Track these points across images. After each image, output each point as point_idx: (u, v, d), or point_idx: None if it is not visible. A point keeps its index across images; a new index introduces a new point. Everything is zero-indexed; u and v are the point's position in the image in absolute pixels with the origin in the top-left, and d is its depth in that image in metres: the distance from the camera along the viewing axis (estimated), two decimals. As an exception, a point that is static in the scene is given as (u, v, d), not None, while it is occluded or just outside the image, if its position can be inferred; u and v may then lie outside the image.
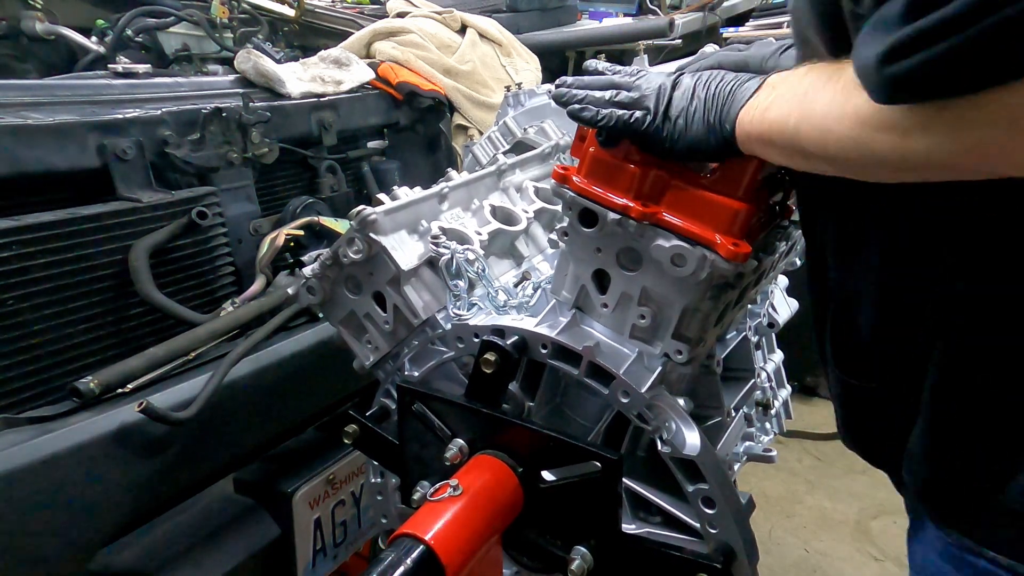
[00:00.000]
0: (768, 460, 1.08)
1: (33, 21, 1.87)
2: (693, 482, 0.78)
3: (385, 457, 1.02)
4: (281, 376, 1.20)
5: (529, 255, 1.11)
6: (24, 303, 1.06)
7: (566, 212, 0.77)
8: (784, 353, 1.22)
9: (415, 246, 0.96)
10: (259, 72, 1.58)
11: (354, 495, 1.38)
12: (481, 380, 0.86)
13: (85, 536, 0.96)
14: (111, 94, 1.32)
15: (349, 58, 1.83)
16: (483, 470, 0.84)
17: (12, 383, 1.06)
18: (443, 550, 0.72)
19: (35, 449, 0.89)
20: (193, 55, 2.04)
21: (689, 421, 0.79)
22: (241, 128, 1.42)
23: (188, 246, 1.30)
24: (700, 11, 3.36)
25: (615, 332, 0.82)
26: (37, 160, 1.13)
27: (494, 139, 1.46)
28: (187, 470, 1.08)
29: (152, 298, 1.18)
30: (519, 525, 0.85)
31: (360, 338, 1.04)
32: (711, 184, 0.70)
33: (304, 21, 2.34)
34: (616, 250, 0.77)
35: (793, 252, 1.08)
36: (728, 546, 0.77)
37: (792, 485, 3.02)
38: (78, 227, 1.12)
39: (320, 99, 1.68)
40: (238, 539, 1.22)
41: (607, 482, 0.77)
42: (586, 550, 0.80)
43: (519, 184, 1.21)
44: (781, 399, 1.19)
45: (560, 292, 0.85)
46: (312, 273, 0.99)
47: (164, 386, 1.06)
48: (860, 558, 2.59)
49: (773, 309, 1.16)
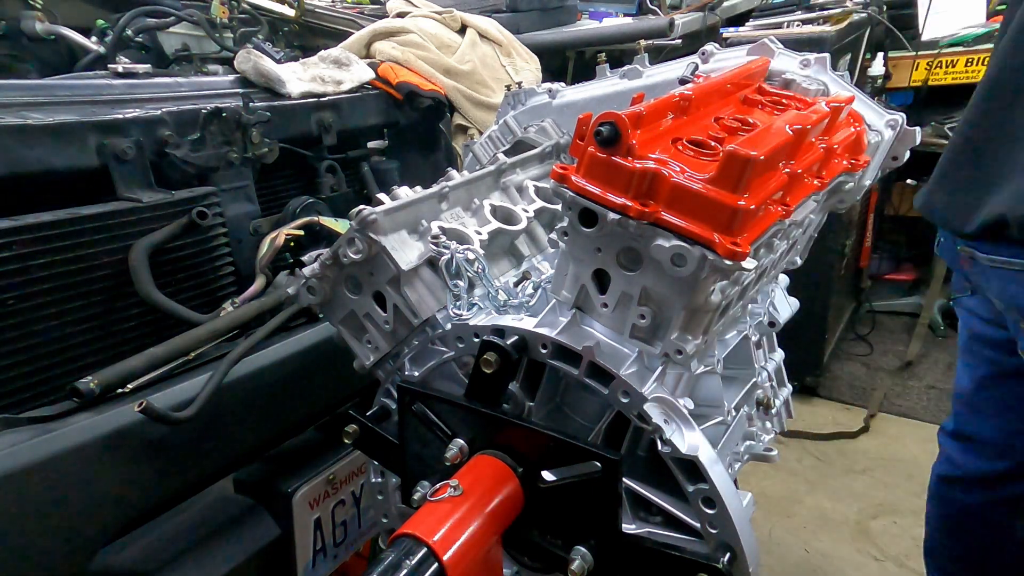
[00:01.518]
0: (769, 459, 1.09)
1: (33, 21, 1.87)
2: (693, 482, 0.78)
3: (385, 457, 1.02)
4: (281, 376, 1.20)
5: (529, 255, 1.11)
6: (24, 303, 1.06)
7: (566, 212, 0.77)
8: (784, 352, 1.22)
9: (415, 246, 0.96)
10: (259, 72, 1.58)
11: (354, 495, 1.38)
12: (481, 380, 0.86)
13: (85, 536, 0.96)
14: (111, 94, 1.32)
15: (349, 58, 1.83)
16: (483, 470, 0.84)
17: (12, 383, 1.06)
18: (443, 550, 0.72)
19: (35, 449, 0.89)
20: (193, 55, 2.04)
21: (689, 421, 0.79)
22: (241, 128, 1.42)
23: (188, 246, 1.30)
24: (700, 11, 3.36)
25: (615, 332, 0.82)
26: (37, 160, 1.12)
27: (494, 138, 1.46)
28: (187, 470, 1.08)
29: (152, 298, 1.18)
30: (519, 525, 0.85)
31: (360, 338, 1.04)
32: (710, 182, 0.70)
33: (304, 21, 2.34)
34: (616, 250, 0.76)
35: (794, 251, 1.08)
36: (728, 546, 0.77)
37: (792, 485, 3.02)
38: (78, 227, 1.12)
39: (320, 99, 1.69)
40: (238, 539, 1.22)
41: (607, 482, 0.77)
42: (586, 550, 0.80)
43: (519, 183, 1.21)
44: (782, 398, 1.19)
45: (560, 292, 0.85)
46: (312, 273, 0.99)
47: (164, 386, 1.06)
48: (860, 558, 2.59)
49: (774, 308, 1.16)
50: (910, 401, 3.64)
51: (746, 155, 0.67)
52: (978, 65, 3.88)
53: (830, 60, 1.06)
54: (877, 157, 1.05)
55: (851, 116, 1.00)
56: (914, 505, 2.85)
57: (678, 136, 0.76)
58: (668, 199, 0.71)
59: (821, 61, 1.06)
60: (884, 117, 1.05)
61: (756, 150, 0.68)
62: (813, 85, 1.01)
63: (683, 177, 0.70)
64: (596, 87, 1.26)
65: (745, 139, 0.76)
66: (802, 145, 0.82)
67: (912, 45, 3.95)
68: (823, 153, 0.87)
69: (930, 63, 3.94)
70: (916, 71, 3.98)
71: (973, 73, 3.91)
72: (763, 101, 0.93)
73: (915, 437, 3.33)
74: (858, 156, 0.97)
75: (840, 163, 0.93)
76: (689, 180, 0.70)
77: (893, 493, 2.93)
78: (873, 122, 1.04)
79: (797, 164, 0.80)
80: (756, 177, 0.70)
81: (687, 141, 0.75)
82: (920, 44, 3.99)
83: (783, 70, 1.05)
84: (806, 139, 0.83)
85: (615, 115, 0.70)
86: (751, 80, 1.00)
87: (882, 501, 2.88)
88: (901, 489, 2.95)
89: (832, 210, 1.10)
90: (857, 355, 4.14)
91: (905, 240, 4.87)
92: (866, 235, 4.18)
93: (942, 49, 3.93)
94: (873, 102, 1.05)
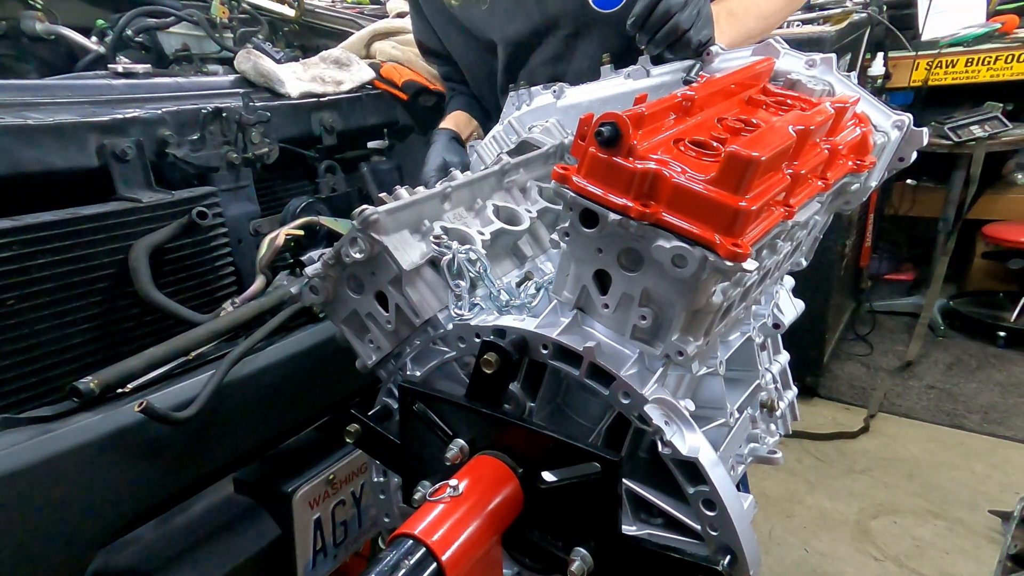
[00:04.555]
0: (773, 462, 1.08)
1: (33, 21, 1.87)
2: (694, 484, 0.77)
3: (387, 457, 1.01)
4: (281, 376, 1.20)
5: (532, 255, 1.11)
6: (24, 303, 1.06)
7: (567, 212, 0.77)
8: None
9: (417, 246, 0.96)
10: (259, 72, 1.58)
11: (354, 495, 1.38)
12: (482, 380, 0.86)
13: (85, 536, 0.96)
14: (111, 94, 1.32)
15: (349, 58, 1.83)
16: (483, 470, 0.84)
17: (12, 383, 1.06)
18: (442, 550, 0.72)
19: (35, 449, 0.89)
20: (193, 55, 2.03)
21: (690, 423, 0.79)
22: (241, 128, 1.42)
23: (188, 246, 1.30)
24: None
25: (616, 333, 0.82)
26: (37, 160, 1.12)
27: (498, 138, 1.45)
28: (187, 470, 1.08)
29: (152, 298, 1.18)
30: (520, 525, 0.85)
31: (362, 337, 1.04)
32: (711, 183, 0.69)
33: (304, 21, 2.34)
34: (617, 250, 0.76)
35: (798, 252, 1.08)
36: (729, 548, 0.77)
37: (792, 485, 3.02)
38: (78, 227, 1.12)
39: (320, 99, 1.68)
40: (238, 539, 1.22)
41: (607, 483, 0.77)
42: (586, 551, 0.80)
43: (523, 184, 1.21)
44: (787, 401, 1.18)
45: (561, 292, 0.84)
46: (315, 272, 0.99)
47: (164, 386, 1.06)
48: (860, 558, 2.60)
49: (779, 310, 1.15)
50: (910, 401, 3.64)
51: (747, 156, 0.67)
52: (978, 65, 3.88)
53: (836, 60, 1.06)
54: (883, 158, 1.05)
55: (857, 117, 1.00)
56: (914, 505, 2.85)
57: (680, 137, 0.76)
58: (669, 200, 0.70)
59: (827, 61, 1.05)
60: (891, 118, 1.04)
61: (758, 151, 0.67)
62: (819, 85, 1.00)
63: (684, 178, 0.70)
64: (601, 87, 1.26)
65: (747, 140, 0.76)
66: (806, 146, 0.82)
67: (912, 45, 3.95)
68: (827, 154, 0.87)
69: (930, 63, 3.95)
70: (916, 71, 3.98)
71: (973, 73, 3.91)
72: (767, 102, 0.93)
73: (915, 437, 3.33)
74: (863, 157, 0.96)
75: (845, 164, 0.93)
76: (690, 181, 0.70)
77: (893, 493, 2.93)
78: (879, 123, 1.03)
79: (801, 165, 0.80)
80: (758, 178, 0.70)
81: (689, 142, 0.75)
82: (920, 44, 3.99)
83: (788, 70, 1.05)
84: (810, 140, 0.83)
85: (616, 115, 0.70)
86: (755, 80, 1.00)
87: (882, 501, 2.88)
88: (901, 489, 2.95)
89: (838, 211, 1.10)
90: (857, 355, 4.14)
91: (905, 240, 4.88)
92: (866, 235, 4.18)
93: (942, 49, 3.94)
94: (880, 103, 1.05)
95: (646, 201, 0.71)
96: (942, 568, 2.53)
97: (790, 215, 0.78)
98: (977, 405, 3.55)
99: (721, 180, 0.69)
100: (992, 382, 3.75)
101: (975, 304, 4.38)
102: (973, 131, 3.79)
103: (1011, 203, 4.27)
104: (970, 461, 3.12)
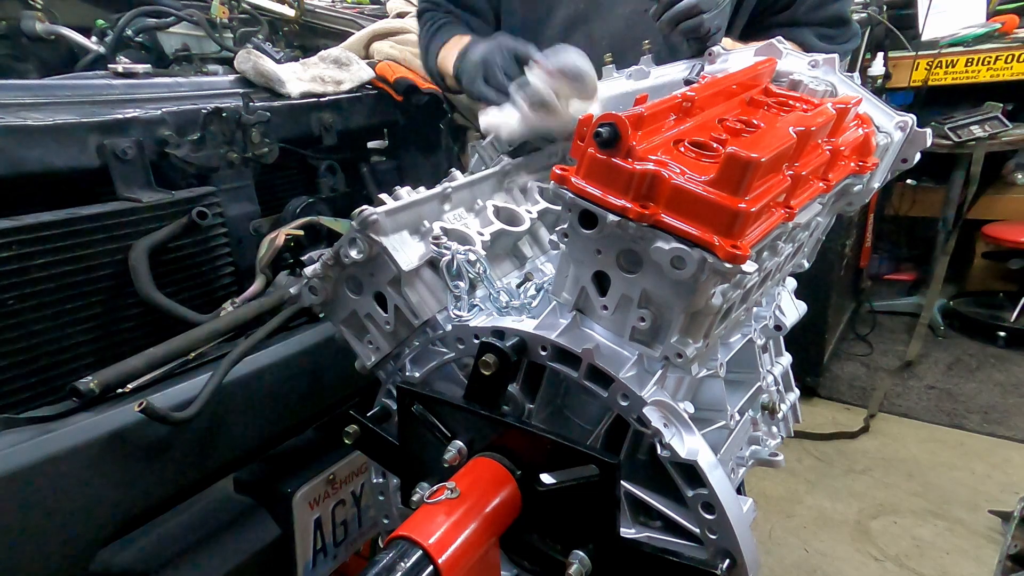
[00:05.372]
0: (774, 465, 1.08)
1: (33, 21, 1.87)
2: (693, 487, 0.77)
3: (385, 458, 1.01)
4: (281, 376, 1.20)
5: (532, 256, 1.11)
6: (24, 303, 1.06)
7: (565, 213, 0.76)
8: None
9: (416, 247, 0.96)
10: (259, 72, 1.58)
11: (354, 495, 1.38)
12: (480, 382, 0.86)
13: (85, 536, 0.96)
14: (111, 94, 1.32)
15: (349, 58, 1.83)
16: (481, 472, 0.84)
17: (12, 383, 1.06)
18: (439, 553, 0.71)
19: (35, 449, 0.89)
20: (193, 55, 2.03)
21: (689, 425, 0.78)
22: (241, 128, 1.42)
23: (188, 246, 1.30)
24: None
25: (615, 334, 0.81)
26: (37, 160, 1.12)
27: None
28: (187, 470, 1.08)
29: (152, 298, 1.18)
30: (518, 528, 0.84)
31: (362, 338, 1.04)
32: (710, 184, 0.69)
33: (304, 21, 2.34)
34: (616, 252, 0.76)
35: (800, 254, 1.07)
36: (728, 552, 0.77)
37: (792, 485, 3.02)
38: (78, 227, 1.12)
39: (320, 99, 1.68)
40: (238, 539, 1.22)
41: (605, 486, 0.77)
42: (584, 554, 0.80)
43: (523, 184, 1.21)
44: (789, 403, 1.18)
45: (560, 294, 0.84)
46: (314, 273, 0.99)
47: (164, 386, 1.06)
48: (860, 558, 2.60)
49: (780, 312, 1.15)
50: (910, 401, 3.64)
51: (747, 157, 0.66)
52: (978, 65, 3.88)
53: (839, 61, 1.05)
54: (886, 159, 1.05)
55: (859, 118, 1.00)
56: (914, 505, 2.85)
57: (680, 137, 0.75)
58: (668, 201, 0.70)
59: (830, 62, 1.05)
60: (894, 119, 1.03)
61: (757, 152, 0.67)
62: (821, 86, 1.00)
63: (683, 179, 0.70)
64: (602, 88, 1.26)
65: (747, 141, 0.75)
66: (807, 147, 0.82)
67: (912, 45, 3.95)
68: (829, 155, 0.87)
69: (930, 63, 3.94)
70: (916, 71, 3.98)
71: (973, 73, 3.91)
72: (769, 102, 0.93)
73: (915, 437, 3.33)
74: (866, 158, 0.96)
75: (847, 165, 0.93)
76: (689, 182, 0.69)
77: (893, 493, 2.93)
78: (882, 124, 1.03)
79: (802, 166, 0.80)
80: (758, 179, 0.69)
81: (689, 142, 0.74)
82: (920, 44, 3.99)
83: (791, 71, 1.04)
84: (811, 141, 0.83)
85: (615, 116, 0.70)
86: (757, 81, 0.99)
87: (882, 501, 2.88)
88: (901, 489, 2.95)
89: (840, 212, 1.09)
90: (857, 355, 4.13)
91: (905, 240, 4.88)
92: (866, 235, 4.18)
93: (942, 49, 3.93)
94: (883, 104, 1.04)
95: (645, 202, 0.71)
96: (942, 568, 2.53)
97: (791, 216, 0.78)
98: (977, 405, 3.55)
99: (720, 181, 0.68)
100: (992, 382, 3.75)
101: (975, 304, 4.38)
102: (973, 131, 3.79)
103: (1011, 203, 4.27)
104: (970, 461, 3.12)
